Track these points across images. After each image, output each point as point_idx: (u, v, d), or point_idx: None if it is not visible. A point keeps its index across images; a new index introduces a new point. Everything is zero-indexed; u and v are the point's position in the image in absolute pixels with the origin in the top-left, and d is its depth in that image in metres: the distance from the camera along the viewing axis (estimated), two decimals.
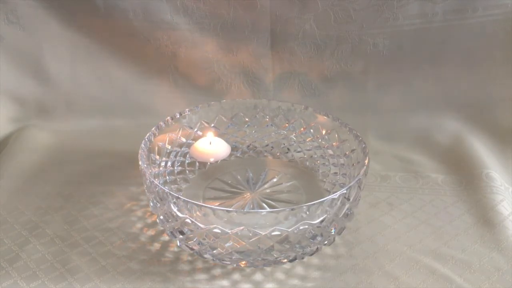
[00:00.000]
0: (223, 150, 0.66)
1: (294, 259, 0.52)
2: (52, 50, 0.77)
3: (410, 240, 0.58)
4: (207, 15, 0.75)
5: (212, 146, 0.66)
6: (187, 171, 0.67)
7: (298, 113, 0.68)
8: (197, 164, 0.68)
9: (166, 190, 0.50)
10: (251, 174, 0.67)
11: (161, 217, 0.53)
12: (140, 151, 0.56)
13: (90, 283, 0.52)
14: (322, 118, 0.66)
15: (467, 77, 0.77)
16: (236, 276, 0.53)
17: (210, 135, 0.66)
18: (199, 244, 0.51)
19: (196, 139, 0.68)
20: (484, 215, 0.62)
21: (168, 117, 0.64)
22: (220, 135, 0.69)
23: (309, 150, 0.69)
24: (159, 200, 0.51)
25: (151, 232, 0.59)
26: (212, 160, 0.66)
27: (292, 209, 0.48)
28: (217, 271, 0.54)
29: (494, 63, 0.76)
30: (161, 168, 0.63)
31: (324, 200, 0.48)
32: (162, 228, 0.57)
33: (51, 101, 0.80)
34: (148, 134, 0.60)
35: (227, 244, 0.50)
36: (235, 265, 0.53)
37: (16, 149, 0.73)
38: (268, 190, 0.64)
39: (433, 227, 0.60)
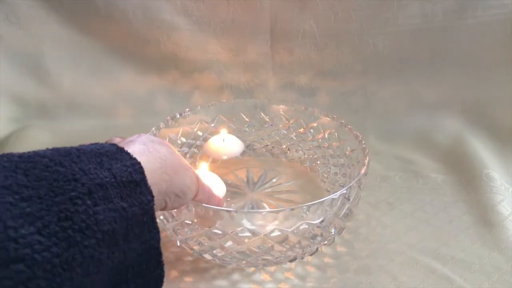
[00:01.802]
0: (236, 147, 0.67)
1: (294, 259, 0.52)
2: (52, 50, 0.77)
3: (410, 240, 0.58)
4: (207, 15, 0.75)
5: (225, 144, 0.66)
6: None
7: (298, 113, 0.68)
8: (197, 164, 0.68)
9: None
10: (251, 174, 0.67)
11: (161, 217, 0.53)
12: None
13: None
14: (322, 118, 0.66)
15: (467, 77, 0.77)
16: (236, 276, 0.53)
17: (223, 132, 0.67)
18: (199, 244, 0.51)
19: (196, 139, 0.68)
20: (484, 215, 0.62)
21: (168, 117, 0.64)
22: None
23: (309, 150, 0.69)
24: None
25: None
26: (225, 157, 0.67)
27: (292, 209, 0.48)
28: (217, 271, 0.54)
29: (494, 63, 0.76)
30: None
31: (324, 200, 0.48)
32: (162, 228, 0.57)
33: (51, 101, 0.80)
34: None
35: (227, 244, 0.50)
36: (235, 265, 0.53)
37: (16, 149, 0.73)
38: (268, 190, 0.64)
39: (433, 227, 0.60)
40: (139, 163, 0.36)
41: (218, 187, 0.56)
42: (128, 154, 0.37)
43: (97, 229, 0.31)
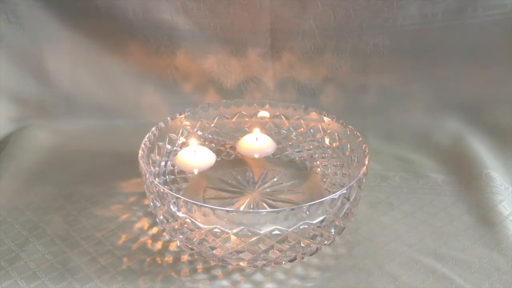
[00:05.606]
0: (268, 147, 0.67)
1: (294, 259, 0.52)
2: (52, 50, 0.77)
3: (410, 240, 0.58)
4: (207, 15, 0.75)
5: (257, 142, 0.66)
6: None
7: (298, 113, 0.68)
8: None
9: (166, 190, 0.50)
10: (251, 174, 0.67)
11: (161, 217, 0.53)
12: (140, 151, 0.56)
13: (90, 283, 0.52)
14: (322, 118, 0.66)
15: (467, 77, 0.77)
16: (236, 276, 0.53)
17: (256, 132, 0.67)
18: (199, 244, 0.51)
19: (196, 139, 0.68)
20: (484, 215, 0.62)
21: (168, 117, 0.64)
22: (220, 134, 0.69)
23: (309, 150, 0.69)
24: (159, 200, 0.51)
25: (151, 232, 0.59)
26: (256, 156, 0.67)
27: (292, 209, 0.48)
28: (217, 271, 0.54)
29: (494, 63, 0.76)
30: (161, 168, 0.63)
31: (324, 200, 0.48)
32: (162, 228, 0.57)
33: (51, 101, 0.80)
34: (148, 134, 0.60)
35: (227, 244, 0.50)
36: (235, 265, 0.53)
37: (16, 149, 0.73)
38: (268, 190, 0.64)
39: (433, 227, 0.60)
40: None
41: (207, 158, 0.63)
42: None
43: None
